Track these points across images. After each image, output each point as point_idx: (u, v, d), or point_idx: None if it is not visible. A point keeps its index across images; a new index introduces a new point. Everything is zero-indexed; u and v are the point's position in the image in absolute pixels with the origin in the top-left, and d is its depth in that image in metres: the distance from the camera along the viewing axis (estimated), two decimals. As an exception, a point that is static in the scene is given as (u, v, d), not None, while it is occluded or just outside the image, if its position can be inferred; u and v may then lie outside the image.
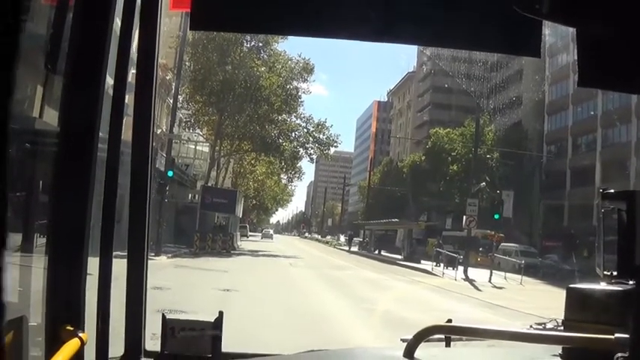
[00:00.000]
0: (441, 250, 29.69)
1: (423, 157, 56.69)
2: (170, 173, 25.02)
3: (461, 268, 25.56)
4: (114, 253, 1.95)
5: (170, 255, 23.24)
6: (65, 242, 1.81)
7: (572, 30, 1.63)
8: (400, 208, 55.73)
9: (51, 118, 2.13)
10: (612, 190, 1.76)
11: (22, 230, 2.28)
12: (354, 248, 49.17)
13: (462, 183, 50.83)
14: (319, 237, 78.73)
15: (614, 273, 1.72)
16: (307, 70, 37.06)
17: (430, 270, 26.88)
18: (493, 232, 35.17)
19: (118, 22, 1.92)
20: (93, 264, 1.87)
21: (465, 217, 28.40)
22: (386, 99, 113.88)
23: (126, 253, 2.00)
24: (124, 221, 2.00)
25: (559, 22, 1.61)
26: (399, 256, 36.67)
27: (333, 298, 14.81)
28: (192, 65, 35.14)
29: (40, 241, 2.06)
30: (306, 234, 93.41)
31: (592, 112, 48.10)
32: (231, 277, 16.72)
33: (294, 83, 37.22)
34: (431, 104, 78.02)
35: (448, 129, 56.09)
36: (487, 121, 54.04)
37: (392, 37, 1.87)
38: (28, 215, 2.32)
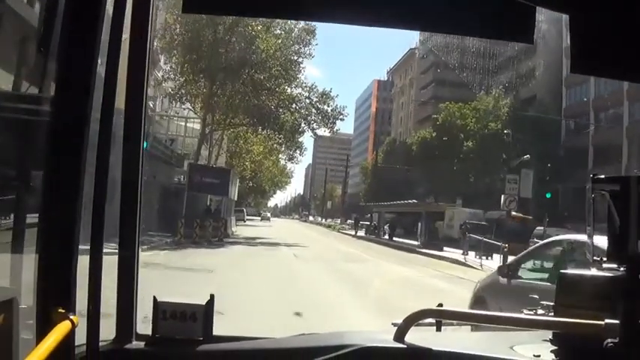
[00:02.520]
0: (475, 235, 24.43)
1: (434, 134, 51.81)
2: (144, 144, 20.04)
3: (497, 258, 20.64)
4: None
5: (147, 247, 18.34)
6: (56, 224, 1.77)
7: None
8: (406, 188, 51.22)
9: (42, 94, 2.07)
10: (603, 176, 1.76)
11: (13, 212, 2.15)
12: (361, 232, 44.31)
13: (476, 161, 46.32)
14: (321, 220, 73.76)
15: (604, 259, 1.70)
16: (308, 31, 31.83)
17: (463, 260, 22.02)
18: (520, 215, 30.46)
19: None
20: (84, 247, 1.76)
21: (503, 196, 23.57)
22: (386, 78, 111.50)
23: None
24: (115, 204, 1.97)
25: (552, 9, 1.63)
26: (415, 242, 31.92)
27: (360, 312, 9.96)
28: (179, 27, 29.99)
29: (31, 223, 1.92)
30: (310, 217, 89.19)
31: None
32: (218, 282, 11.52)
33: (294, 47, 32.05)
34: (434, 81, 74.15)
35: (460, 103, 51.42)
36: (501, 95, 49.57)
37: (384, 22, 1.85)
38: (19, 197, 2.18)
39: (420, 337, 1.77)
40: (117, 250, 1.95)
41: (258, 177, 56.32)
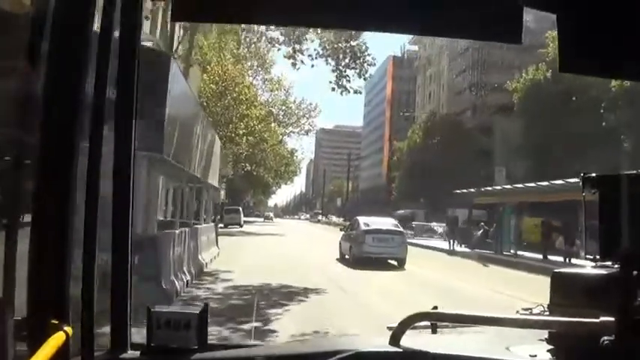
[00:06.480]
0: None
1: (548, 73, 31.43)
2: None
3: None
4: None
5: None
6: (49, 234, 1.68)
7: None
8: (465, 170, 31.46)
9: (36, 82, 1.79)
10: (594, 175, 1.74)
11: (4, 221, 1.96)
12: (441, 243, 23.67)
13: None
14: (342, 220, 53.15)
15: (598, 257, 1.70)
16: None
17: None
18: None
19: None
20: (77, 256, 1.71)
21: None
22: (400, 53, 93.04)
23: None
24: (106, 211, 1.81)
25: (539, 9, 1.60)
26: None
27: None
28: None
29: (22, 233, 1.82)
30: (321, 217, 70.64)
31: None
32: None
33: None
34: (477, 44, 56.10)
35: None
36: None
37: (371, 26, 1.84)
38: (10, 205, 2.02)
39: (415, 340, 1.71)
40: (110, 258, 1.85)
41: (259, 160, 36.92)
